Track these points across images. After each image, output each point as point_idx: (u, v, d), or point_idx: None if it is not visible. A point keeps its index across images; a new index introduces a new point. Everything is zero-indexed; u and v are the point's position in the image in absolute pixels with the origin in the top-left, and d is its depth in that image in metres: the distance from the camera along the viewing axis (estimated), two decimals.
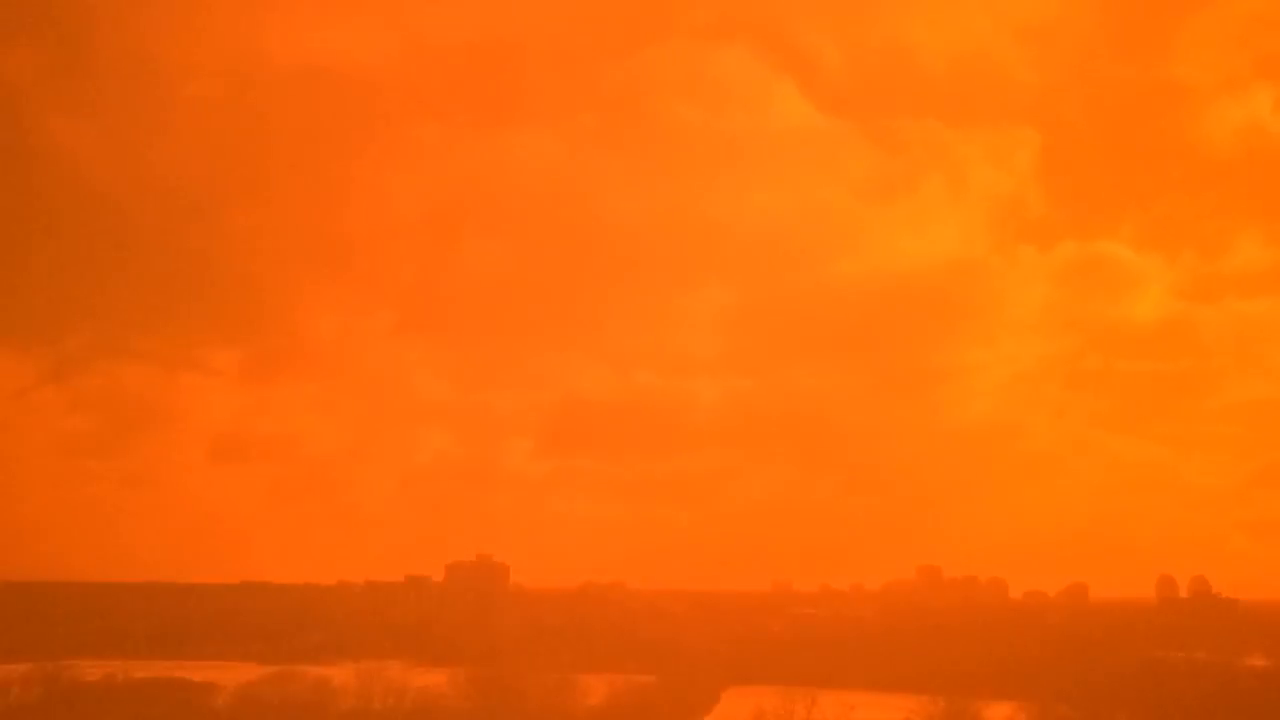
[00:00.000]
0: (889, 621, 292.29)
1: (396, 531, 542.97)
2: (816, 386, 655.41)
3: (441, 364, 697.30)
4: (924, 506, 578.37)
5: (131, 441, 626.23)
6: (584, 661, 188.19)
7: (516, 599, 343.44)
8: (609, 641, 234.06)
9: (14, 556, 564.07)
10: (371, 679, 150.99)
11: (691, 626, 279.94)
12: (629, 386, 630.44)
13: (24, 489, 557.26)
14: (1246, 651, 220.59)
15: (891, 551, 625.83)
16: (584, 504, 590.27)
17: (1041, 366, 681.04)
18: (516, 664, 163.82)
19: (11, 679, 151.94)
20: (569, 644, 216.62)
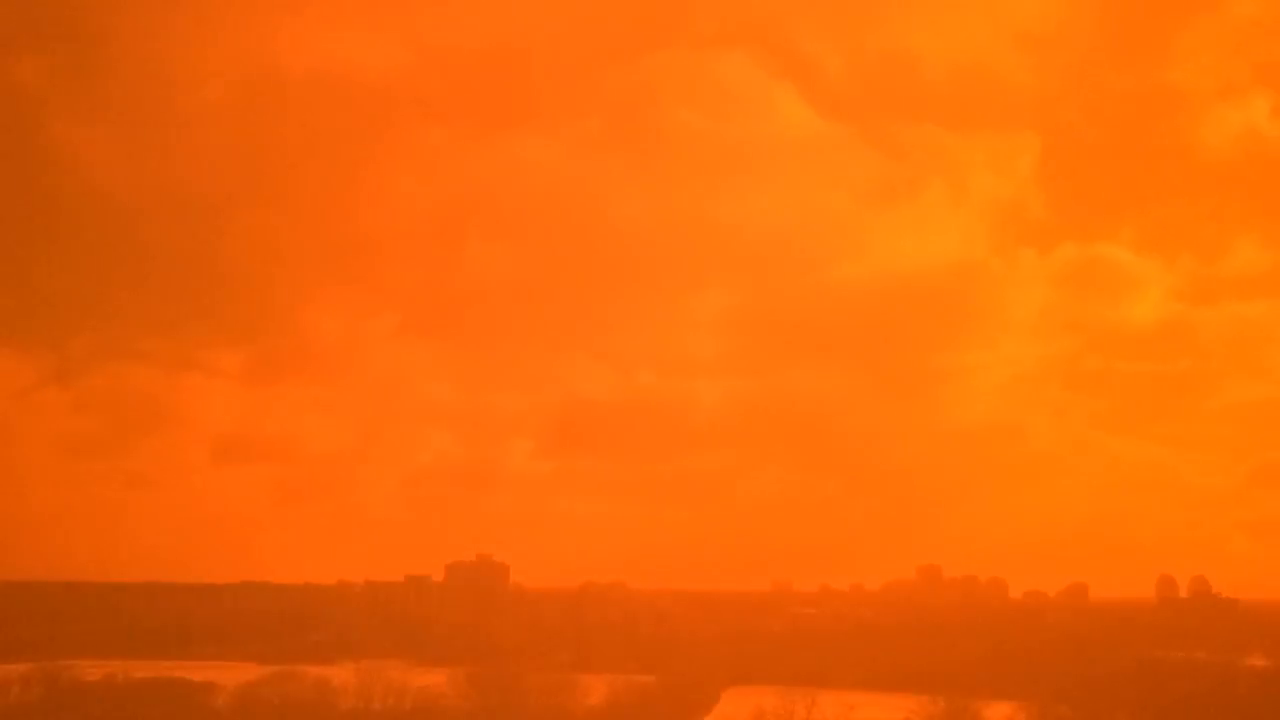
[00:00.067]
0: (889, 621, 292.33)
1: (396, 531, 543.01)
2: (817, 388, 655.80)
3: (444, 365, 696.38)
4: (924, 506, 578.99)
5: (134, 442, 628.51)
6: (584, 661, 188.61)
7: (516, 599, 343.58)
8: (609, 641, 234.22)
9: (16, 556, 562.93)
10: (371, 679, 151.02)
11: (691, 626, 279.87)
12: (631, 387, 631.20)
13: (27, 489, 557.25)
14: (1246, 651, 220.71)
15: (891, 551, 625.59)
16: (585, 504, 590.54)
17: (1042, 368, 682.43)
18: (516, 664, 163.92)
19: (11, 679, 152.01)
20: (569, 644, 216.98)
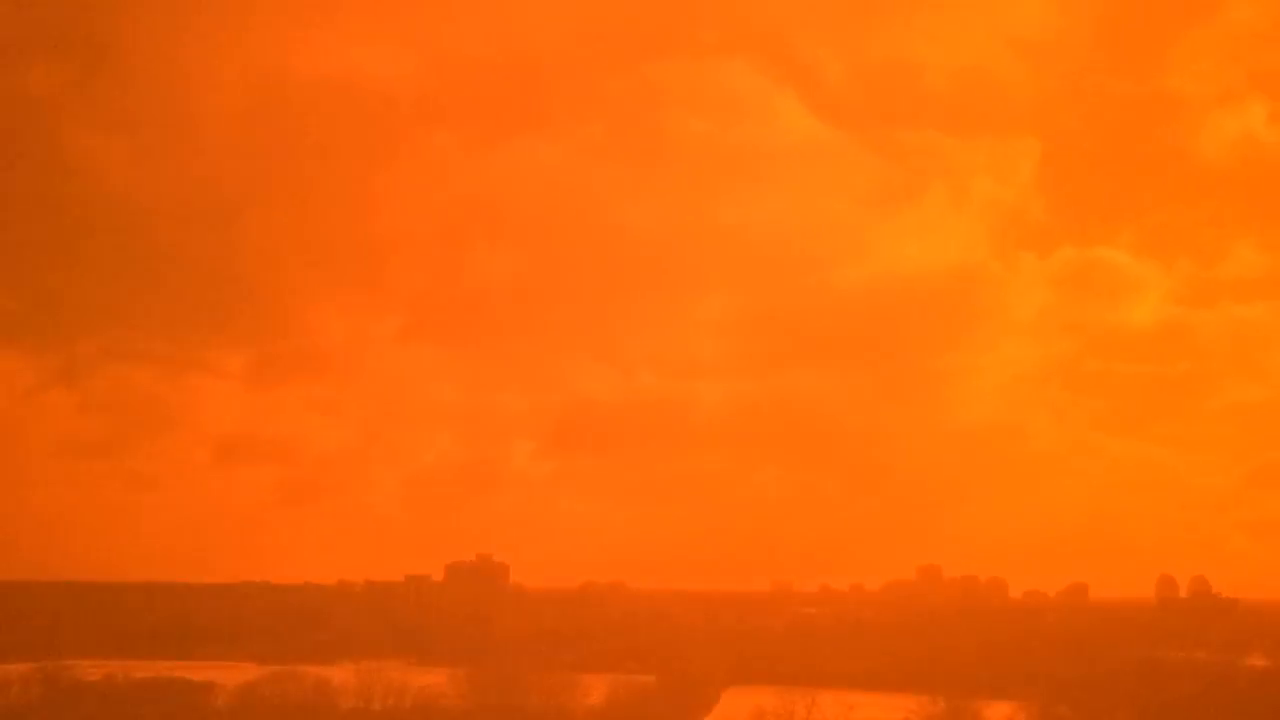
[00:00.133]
0: (889, 621, 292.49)
1: (397, 531, 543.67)
2: (818, 389, 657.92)
3: (447, 367, 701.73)
4: (924, 506, 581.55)
5: (138, 442, 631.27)
6: (584, 661, 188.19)
7: (516, 599, 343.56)
8: (609, 641, 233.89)
9: (18, 556, 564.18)
10: (371, 679, 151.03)
11: (691, 626, 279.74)
12: (633, 389, 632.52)
13: (31, 489, 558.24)
14: (1246, 651, 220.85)
15: (892, 551, 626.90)
16: (585, 504, 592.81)
17: (1042, 369, 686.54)
18: (516, 664, 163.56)
19: (11, 679, 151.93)
20: (569, 644, 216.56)
